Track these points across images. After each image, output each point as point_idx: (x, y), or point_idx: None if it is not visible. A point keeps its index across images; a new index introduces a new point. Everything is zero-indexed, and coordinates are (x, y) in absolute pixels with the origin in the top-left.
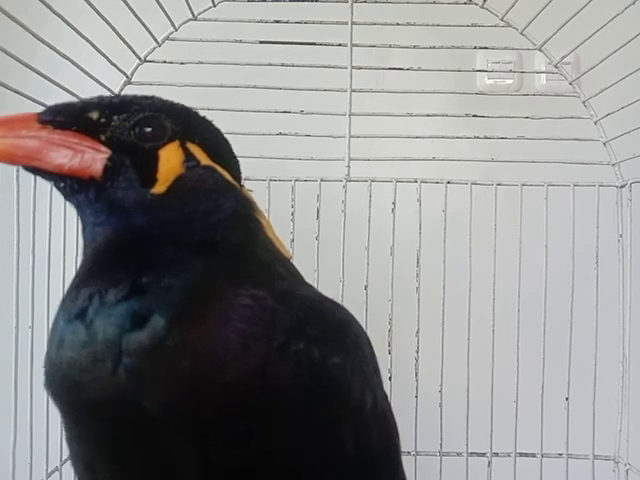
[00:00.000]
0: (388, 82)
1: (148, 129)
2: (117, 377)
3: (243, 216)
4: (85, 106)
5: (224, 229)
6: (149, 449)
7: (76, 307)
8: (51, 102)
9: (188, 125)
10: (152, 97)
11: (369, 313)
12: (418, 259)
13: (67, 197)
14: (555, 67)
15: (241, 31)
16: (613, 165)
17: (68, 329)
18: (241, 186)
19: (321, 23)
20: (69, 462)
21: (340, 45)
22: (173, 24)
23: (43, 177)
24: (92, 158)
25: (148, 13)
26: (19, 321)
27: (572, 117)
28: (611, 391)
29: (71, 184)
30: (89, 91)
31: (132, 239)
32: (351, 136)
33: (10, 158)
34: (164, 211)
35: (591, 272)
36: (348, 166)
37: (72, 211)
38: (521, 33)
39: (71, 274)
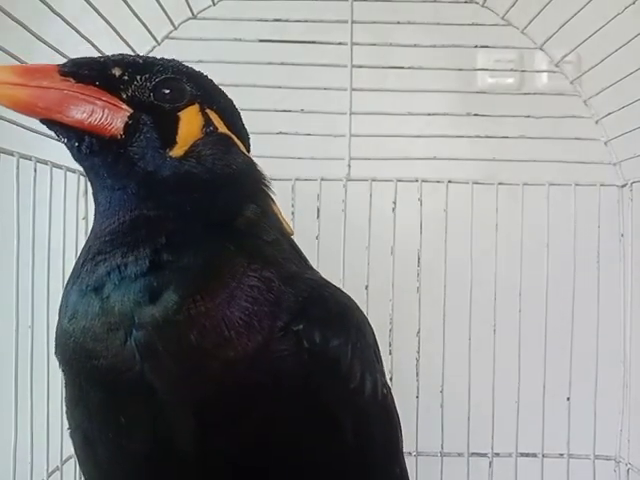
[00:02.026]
0: (389, 81)
1: (168, 91)
2: (127, 348)
3: (257, 191)
4: (108, 62)
5: (240, 204)
6: (150, 422)
7: (93, 280)
8: None
9: (207, 91)
10: (174, 60)
11: (370, 313)
12: (419, 259)
13: (82, 159)
14: (556, 66)
15: (241, 30)
16: (614, 165)
17: (84, 301)
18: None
19: (321, 21)
20: (70, 462)
21: (340, 44)
22: (173, 23)
23: (60, 133)
24: (113, 115)
25: (148, 12)
26: (19, 321)
27: (573, 116)
28: (612, 391)
29: (90, 143)
30: None
31: (152, 211)
32: (352, 135)
33: (30, 109)
34: (184, 177)
35: (592, 272)
36: (349, 165)
37: (72, 211)
38: (522, 32)
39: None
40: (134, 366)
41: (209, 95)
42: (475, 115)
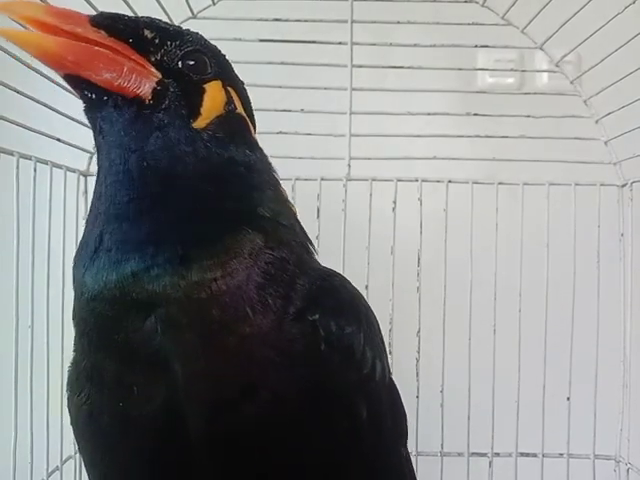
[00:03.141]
0: (389, 80)
1: (194, 62)
2: (149, 322)
3: (270, 175)
4: (141, 22)
5: (260, 188)
6: (163, 395)
7: (117, 258)
8: (52, 102)
9: (228, 70)
10: (200, 34)
11: None
12: (419, 258)
13: (102, 112)
14: (556, 66)
15: (241, 29)
16: (614, 164)
17: (108, 276)
18: None
19: (321, 21)
20: (70, 462)
21: (340, 43)
22: (173, 23)
23: (86, 89)
24: (142, 79)
25: (147, 12)
26: (19, 321)
27: (573, 116)
28: (612, 391)
29: (116, 100)
30: None
31: (174, 186)
32: (352, 135)
33: (59, 62)
34: (206, 152)
35: (592, 271)
36: (349, 165)
37: (72, 211)
38: (522, 32)
39: (71, 274)
40: (154, 339)
41: (230, 74)
42: (475, 115)
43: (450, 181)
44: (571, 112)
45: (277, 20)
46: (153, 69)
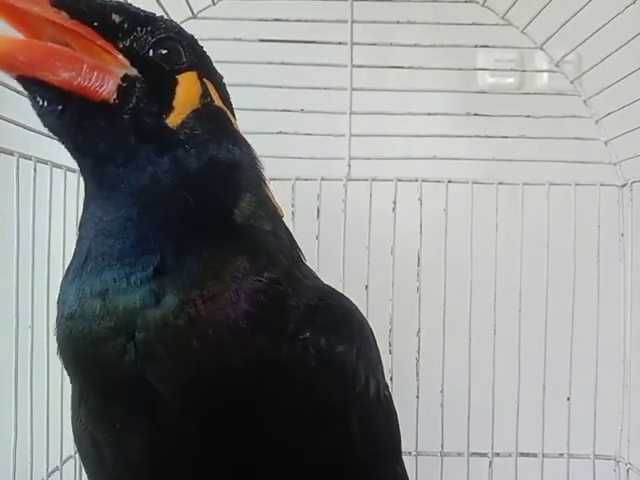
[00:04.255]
0: (389, 80)
1: (167, 51)
2: (127, 353)
3: (252, 173)
4: (107, 6)
5: (237, 191)
6: (148, 428)
7: (98, 284)
8: None
9: (204, 60)
10: (174, 21)
11: (370, 313)
12: (419, 258)
13: (67, 129)
14: (556, 66)
15: (241, 29)
16: (614, 164)
17: (85, 303)
18: None
19: (321, 21)
20: (69, 462)
21: (340, 43)
22: None
23: (40, 94)
24: (105, 76)
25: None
26: (19, 321)
27: (573, 116)
28: (612, 391)
29: (78, 107)
30: None
31: (153, 201)
32: (352, 135)
33: (9, 62)
34: (183, 155)
35: (592, 271)
36: (349, 165)
37: (72, 211)
38: (522, 32)
39: None
40: (133, 371)
41: (206, 65)
42: (475, 115)
43: (450, 181)
44: (571, 112)
45: (277, 20)
46: (120, 56)
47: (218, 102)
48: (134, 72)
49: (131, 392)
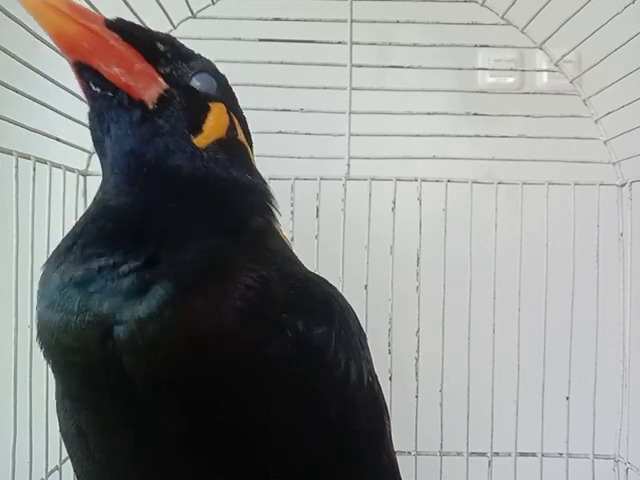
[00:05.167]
0: (388, 80)
1: (201, 83)
2: (107, 343)
3: (264, 205)
4: (156, 35)
5: (248, 214)
6: (132, 417)
7: (80, 274)
8: (51, 102)
9: (232, 96)
10: (211, 61)
11: (369, 312)
12: (418, 258)
13: (104, 110)
14: (556, 65)
15: (240, 29)
16: (614, 164)
17: (63, 292)
18: None
19: (321, 21)
20: (69, 461)
21: (340, 43)
22: (172, 22)
23: (93, 80)
24: (150, 83)
25: (147, 11)
26: (18, 320)
27: (573, 115)
28: (611, 390)
29: (121, 97)
30: None
31: (160, 198)
32: (351, 134)
33: (73, 46)
34: (200, 169)
35: (592, 271)
36: (348, 164)
37: (71, 211)
38: (521, 31)
39: None
40: (113, 363)
41: (233, 100)
42: (475, 114)
43: (449, 181)
44: (571, 112)
45: (277, 19)
46: (161, 79)
47: (241, 137)
48: (175, 91)
49: (114, 383)
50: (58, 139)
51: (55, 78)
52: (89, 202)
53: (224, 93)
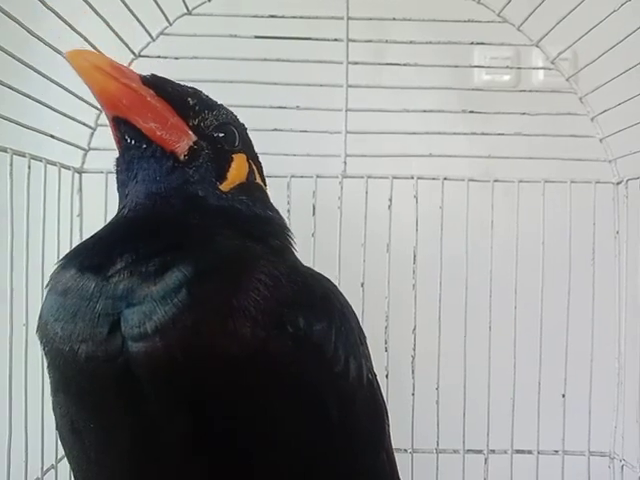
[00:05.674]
0: (385, 77)
1: (225, 134)
2: (116, 337)
3: (284, 232)
4: (184, 89)
5: (271, 236)
6: (133, 411)
7: (97, 260)
8: (46, 99)
9: (250, 145)
10: (232, 112)
11: (366, 310)
12: (415, 256)
13: (135, 159)
14: (552, 63)
15: (236, 26)
16: (610, 162)
17: (79, 279)
18: None
19: (317, 18)
20: (65, 460)
21: (336, 40)
22: (167, 19)
23: (128, 133)
24: (181, 136)
25: (142, 8)
26: (13, 319)
27: (569, 113)
28: (607, 388)
29: (154, 149)
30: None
31: (184, 219)
32: (347, 132)
33: (113, 103)
34: (225, 210)
35: (588, 269)
36: (344, 162)
37: (66, 208)
38: (518, 29)
39: None
40: (119, 352)
41: (251, 149)
42: (471, 112)
43: (446, 178)
44: (567, 109)
45: (272, 16)
46: (190, 132)
47: (259, 180)
48: (203, 143)
49: (115, 375)
50: (53, 136)
51: (50, 75)
52: (84, 200)
53: (244, 143)
